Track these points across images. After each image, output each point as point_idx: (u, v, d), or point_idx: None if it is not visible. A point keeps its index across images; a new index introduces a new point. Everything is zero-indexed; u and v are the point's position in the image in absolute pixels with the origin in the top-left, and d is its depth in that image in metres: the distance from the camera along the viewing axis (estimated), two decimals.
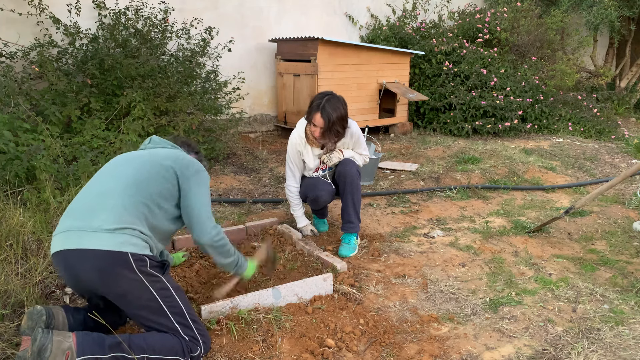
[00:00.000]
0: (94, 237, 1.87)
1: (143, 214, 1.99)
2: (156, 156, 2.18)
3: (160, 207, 2.07)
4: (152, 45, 4.96)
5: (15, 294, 2.35)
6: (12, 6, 4.70)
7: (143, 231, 1.97)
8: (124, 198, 1.98)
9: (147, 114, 4.31)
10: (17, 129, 3.65)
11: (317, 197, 3.17)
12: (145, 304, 1.93)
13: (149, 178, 2.06)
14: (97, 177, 2.13)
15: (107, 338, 1.86)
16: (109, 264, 1.86)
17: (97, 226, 1.89)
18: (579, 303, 2.59)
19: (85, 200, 2.03)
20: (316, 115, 2.92)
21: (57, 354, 1.73)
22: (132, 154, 2.23)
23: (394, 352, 2.20)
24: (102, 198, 1.99)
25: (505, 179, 4.78)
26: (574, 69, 7.48)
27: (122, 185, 2.02)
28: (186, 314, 2.00)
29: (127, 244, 1.89)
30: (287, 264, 2.91)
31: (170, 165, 2.13)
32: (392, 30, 7.29)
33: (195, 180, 2.16)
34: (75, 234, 1.90)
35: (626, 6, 7.91)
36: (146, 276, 1.91)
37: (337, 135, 3.01)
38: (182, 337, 1.96)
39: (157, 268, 1.98)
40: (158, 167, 2.11)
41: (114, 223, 1.91)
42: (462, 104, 6.55)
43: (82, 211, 1.98)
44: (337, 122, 2.94)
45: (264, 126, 6.65)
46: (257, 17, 6.36)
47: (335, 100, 2.95)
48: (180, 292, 2.04)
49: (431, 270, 2.98)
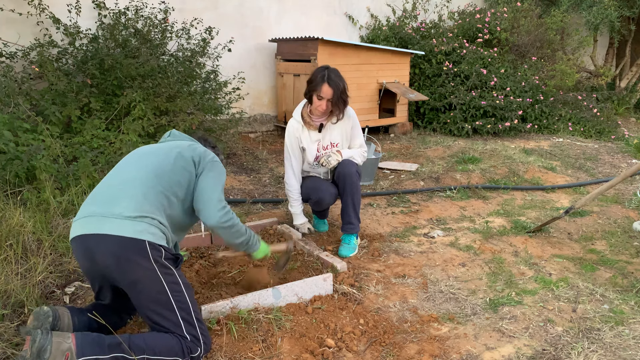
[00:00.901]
0: (115, 223, 1.92)
1: (162, 204, 2.04)
2: (177, 148, 2.24)
3: (177, 197, 2.11)
4: (152, 45, 4.96)
5: (15, 294, 2.35)
6: (12, 6, 4.70)
7: (161, 221, 2.02)
8: (145, 187, 2.03)
9: (147, 114, 4.31)
10: (17, 129, 3.65)
11: (320, 199, 3.17)
12: (154, 295, 1.94)
13: (170, 169, 2.12)
14: (120, 166, 2.18)
15: (107, 338, 1.86)
16: (126, 250, 1.90)
17: (119, 213, 1.94)
18: (579, 303, 2.59)
19: (107, 188, 2.08)
20: (324, 86, 2.93)
21: (56, 355, 1.73)
22: (154, 146, 2.29)
23: (394, 352, 2.20)
24: (124, 186, 2.04)
25: (505, 179, 4.78)
26: (574, 69, 7.48)
27: (144, 175, 2.07)
28: (192, 312, 2.01)
29: (145, 232, 1.93)
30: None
31: (190, 155, 2.20)
32: (392, 30, 7.29)
33: (209, 167, 2.22)
34: (96, 219, 1.95)
35: (626, 6, 7.91)
36: (160, 267, 1.95)
37: (345, 104, 3.05)
38: (183, 337, 1.96)
39: (171, 260, 2.02)
40: (179, 158, 2.17)
41: (135, 211, 1.95)
42: (462, 104, 6.55)
43: (104, 198, 2.02)
44: (344, 92, 2.99)
45: (264, 126, 6.65)
46: (257, 17, 6.37)
47: (336, 70, 3.03)
48: (189, 289, 2.06)
49: (431, 270, 2.98)
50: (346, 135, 3.22)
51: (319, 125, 3.14)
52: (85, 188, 3.46)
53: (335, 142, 3.21)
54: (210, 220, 2.14)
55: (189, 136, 2.46)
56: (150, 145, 2.33)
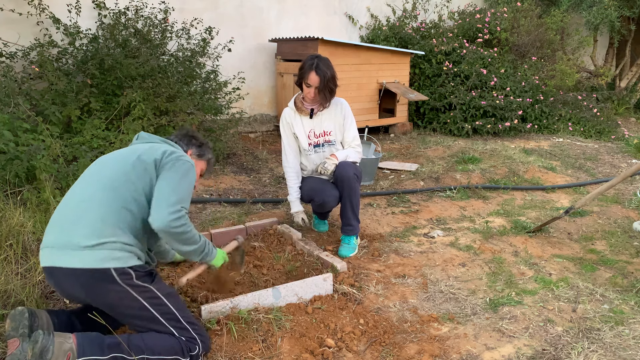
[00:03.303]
0: (75, 255, 1.85)
1: (124, 221, 1.94)
2: (137, 151, 2.11)
3: (143, 205, 2.00)
4: (152, 45, 4.96)
5: (15, 294, 2.35)
6: (12, 6, 4.70)
7: (126, 241, 1.92)
8: (103, 207, 1.92)
9: (147, 114, 4.31)
10: (17, 129, 3.65)
11: (323, 202, 3.18)
12: (137, 313, 1.92)
13: (127, 178, 2.00)
14: (79, 182, 2.08)
15: (106, 338, 1.86)
16: (93, 281, 1.85)
17: (77, 243, 1.86)
18: (579, 303, 2.59)
19: (66, 210, 1.98)
20: (311, 73, 3.01)
21: (58, 355, 1.74)
22: (114, 154, 2.17)
23: (394, 352, 2.20)
24: (80, 208, 1.94)
25: (505, 179, 4.78)
26: (574, 69, 7.48)
27: (100, 192, 1.96)
28: (180, 318, 1.99)
29: (108, 260, 1.85)
30: (287, 264, 2.91)
31: (152, 158, 2.07)
32: (392, 30, 7.29)
33: (168, 166, 2.06)
34: (57, 252, 1.88)
35: (626, 6, 7.91)
36: (133, 288, 1.89)
37: (331, 93, 3.09)
38: (179, 338, 1.97)
39: (145, 277, 1.94)
40: (137, 163, 2.04)
41: (93, 238, 1.86)
42: (462, 104, 6.55)
43: (63, 224, 1.94)
44: (331, 80, 3.04)
45: (264, 126, 6.65)
46: (257, 17, 6.37)
47: (326, 59, 3.06)
48: (172, 297, 2.01)
49: (431, 270, 2.98)
50: (339, 125, 3.26)
51: (310, 110, 3.19)
52: None
53: (328, 130, 3.24)
54: (156, 222, 1.92)
55: (162, 137, 2.30)
56: (112, 152, 2.21)
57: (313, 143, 3.25)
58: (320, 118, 3.22)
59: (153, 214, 1.95)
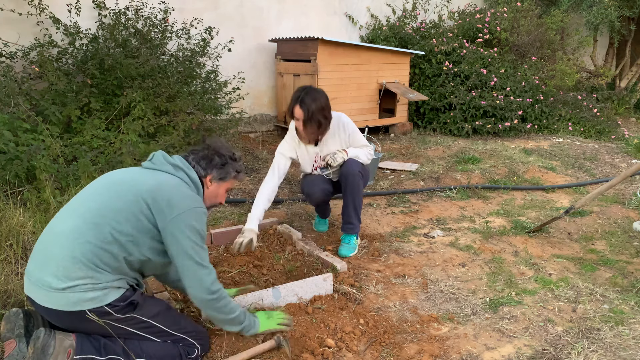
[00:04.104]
0: (47, 296, 1.76)
1: (101, 260, 1.79)
2: (139, 187, 1.90)
3: (135, 241, 1.85)
4: (152, 45, 4.95)
5: (15, 294, 2.35)
6: (12, 6, 4.70)
7: (99, 280, 1.78)
8: (76, 247, 1.77)
9: (147, 114, 4.31)
10: (17, 129, 3.65)
11: (310, 193, 3.17)
12: (126, 336, 1.91)
13: (116, 216, 1.83)
14: (70, 205, 1.94)
15: (103, 340, 1.88)
16: (71, 321, 1.81)
17: (48, 283, 1.75)
18: (579, 303, 2.59)
19: (46, 239, 1.86)
20: (295, 107, 2.94)
21: (59, 351, 1.76)
22: (116, 177, 1.99)
23: (394, 352, 2.20)
24: (56, 242, 1.81)
25: (505, 179, 4.78)
26: (574, 69, 7.48)
27: (77, 229, 1.81)
28: (173, 332, 1.97)
29: (81, 302, 1.76)
30: (287, 264, 2.91)
31: (148, 201, 1.87)
32: (392, 30, 7.29)
33: (172, 227, 1.87)
34: (33, 287, 1.80)
35: (626, 6, 7.91)
36: (115, 321, 1.84)
37: (320, 125, 2.96)
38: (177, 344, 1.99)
39: (126, 309, 1.85)
40: (134, 203, 1.86)
41: (62, 280, 1.74)
42: (462, 104, 6.55)
43: (40, 257, 1.84)
44: (317, 112, 2.90)
45: (264, 126, 6.65)
46: (257, 17, 6.36)
47: (314, 92, 2.94)
48: (161, 316, 1.95)
49: (431, 270, 2.98)
50: (344, 142, 3.16)
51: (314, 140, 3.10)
52: None
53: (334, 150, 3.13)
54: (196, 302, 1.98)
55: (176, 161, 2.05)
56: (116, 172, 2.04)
57: (319, 166, 3.20)
58: (326, 142, 3.13)
59: (191, 293, 1.95)
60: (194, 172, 2.07)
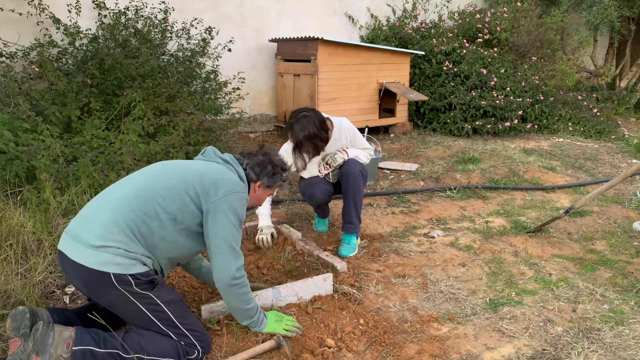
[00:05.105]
0: (81, 251, 1.87)
1: (138, 231, 1.91)
2: (189, 171, 2.06)
3: (176, 221, 1.97)
4: (152, 45, 4.95)
5: (15, 294, 2.35)
6: (12, 6, 4.70)
7: (132, 249, 1.89)
8: (120, 212, 1.91)
9: (147, 114, 4.31)
10: (17, 129, 3.65)
11: (311, 194, 3.18)
12: (134, 315, 1.95)
13: (167, 193, 1.97)
14: (126, 179, 2.09)
15: (103, 334, 1.91)
16: (93, 280, 1.88)
17: (85, 240, 1.88)
18: (579, 303, 2.59)
19: (95, 203, 2.02)
20: (288, 132, 2.92)
21: (59, 342, 1.81)
22: (172, 164, 2.14)
23: (394, 352, 2.20)
24: (102, 207, 1.96)
25: (505, 179, 4.78)
26: (574, 69, 7.48)
27: (126, 197, 1.95)
28: (179, 325, 1.99)
29: (109, 264, 1.85)
30: (287, 264, 2.91)
31: (195, 183, 2.01)
32: (392, 30, 7.29)
33: (215, 207, 1.99)
34: (71, 241, 1.92)
35: (626, 6, 7.91)
36: (132, 294, 1.90)
37: (309, 152, 2.94)
38: (178, 342, 1.99)
39: (146, 285, 1.92)
40: (182, 183, 2.00)
41: (100, 239, 1.86)
42: (462, 104, 6.55)
43: (84, 217, 1.97)
44: (306, 141, 2.85)
45: (264, 126, 6.65)
46: (257, 17, 6.37)
47: (306, 119, 2.84)
48: (173, 304, 1.99)
49: (431, 270, 2.98)
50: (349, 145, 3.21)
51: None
52: (85, 188, 3.46)
53: None
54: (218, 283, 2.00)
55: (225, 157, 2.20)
56: (174, 161, 2.19)
57: (324, 170, 3.20)
58: (328, 149, 3.12)
59: (216, 275, 1.99)
60: (242, 171, 2.21)
